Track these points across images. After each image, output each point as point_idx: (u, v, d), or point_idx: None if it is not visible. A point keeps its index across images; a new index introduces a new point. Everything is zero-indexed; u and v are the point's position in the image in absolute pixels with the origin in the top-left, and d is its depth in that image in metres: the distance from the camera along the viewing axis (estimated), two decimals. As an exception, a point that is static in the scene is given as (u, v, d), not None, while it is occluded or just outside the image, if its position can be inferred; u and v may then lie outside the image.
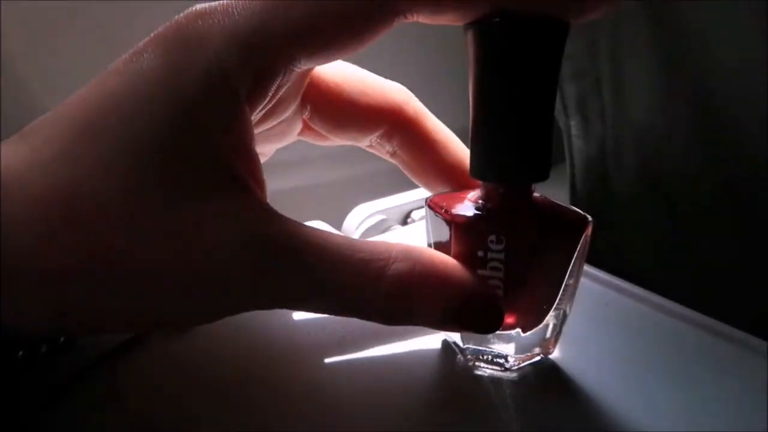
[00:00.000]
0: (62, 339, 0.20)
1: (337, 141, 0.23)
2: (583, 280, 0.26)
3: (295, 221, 0.17)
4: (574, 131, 0.36)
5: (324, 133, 0.22)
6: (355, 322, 0.18)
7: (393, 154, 0.23)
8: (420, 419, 0.18)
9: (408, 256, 0.17)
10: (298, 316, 0.23)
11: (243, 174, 0.17)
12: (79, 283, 0.15)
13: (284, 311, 0.23)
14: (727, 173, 0.31)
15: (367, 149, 0.23)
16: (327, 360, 0.21)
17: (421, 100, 0.22)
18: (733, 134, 0.29)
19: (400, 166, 0.23)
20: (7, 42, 0.30)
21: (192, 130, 0.16)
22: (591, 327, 0.23)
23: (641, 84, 0.32)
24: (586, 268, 0.26)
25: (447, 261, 0.18)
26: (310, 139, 0.24)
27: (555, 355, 0.21)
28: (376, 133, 0.22)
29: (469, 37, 0.17)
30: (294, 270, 0.16)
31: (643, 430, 0.18)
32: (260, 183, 0.18)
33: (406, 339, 0.22)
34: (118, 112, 0.16)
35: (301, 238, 0.17)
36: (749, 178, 0.30)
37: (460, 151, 0.22)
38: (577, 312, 0.24)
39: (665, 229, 0.34)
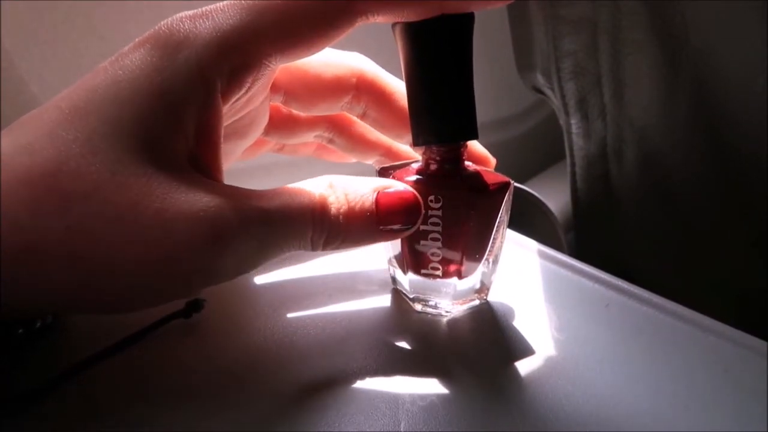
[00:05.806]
0: (38, 323, 0.21)
1: (315, 113, 0.25)
2: (583, 280, 0.26)
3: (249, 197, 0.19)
4: (574, 129, 0.36)
5: (302, 111, 0.25)
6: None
7: (363, 115, 0.25)
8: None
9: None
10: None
11: (204, 157, 0.19)
12: (57, 257, 0.16)
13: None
14: (726, 172, 0.31)
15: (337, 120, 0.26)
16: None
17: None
18: (733, 133, 0.29)
19: (371, 125, 0.25)
20: (7, 42, 0.30)
21: (168, 114, 0.18)
22: (591, 327, 0.23)
23: (641, 83, 0.32)
24: (586, 268, 0.26)
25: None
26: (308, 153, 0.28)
27: (556, 353, 0.21)
28: (346, 99, 0.24)
29: (397, 32, 0.20)
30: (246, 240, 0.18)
31: (643, 430, 0.18)
32: (218, 167, 0.20)
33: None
34: (102, 100, 0.18)
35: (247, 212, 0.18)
36: (749, 177, 0.30)
37: None
38: (578, 312, 0.24)
39: (665, 227, 0.34)
